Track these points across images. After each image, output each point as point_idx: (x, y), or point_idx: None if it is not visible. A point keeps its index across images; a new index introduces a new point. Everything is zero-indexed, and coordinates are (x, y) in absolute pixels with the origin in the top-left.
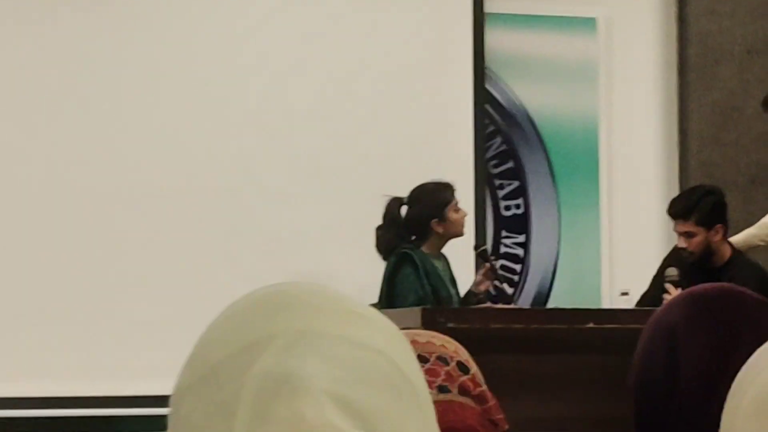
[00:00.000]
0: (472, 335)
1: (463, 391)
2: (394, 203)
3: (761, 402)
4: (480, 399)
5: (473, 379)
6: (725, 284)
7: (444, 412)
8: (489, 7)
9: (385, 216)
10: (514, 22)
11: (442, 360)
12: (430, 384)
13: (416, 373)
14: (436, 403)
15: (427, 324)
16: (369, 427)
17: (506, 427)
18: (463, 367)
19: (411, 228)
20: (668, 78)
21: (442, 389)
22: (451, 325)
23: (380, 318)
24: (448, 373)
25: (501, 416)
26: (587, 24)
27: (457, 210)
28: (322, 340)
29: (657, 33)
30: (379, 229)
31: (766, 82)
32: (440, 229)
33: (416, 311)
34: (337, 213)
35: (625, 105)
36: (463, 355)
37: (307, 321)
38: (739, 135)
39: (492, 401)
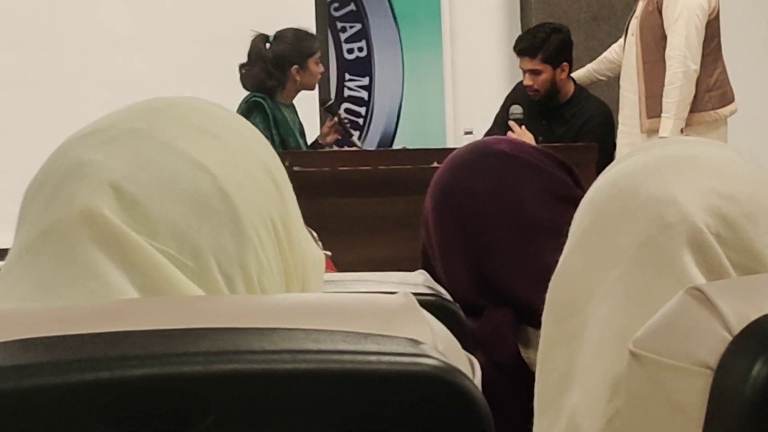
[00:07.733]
0: (319, 178)
1: None
2: (260, 39)
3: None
4: None
5: None
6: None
7: None
8: None
9: (251, 52)
10: None
11: None
12: None
13: (250, 206)
14: None
15: None
16: (151, 231)
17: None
18: None
19: (274, 67)
20: None
21: None
22: (297, 168)
23: (244, 147)
24: None
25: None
26: None
27: (317, 63)
28: (147, 142)
29: None
30: (243, 66)
31: None
32: (298, 78)
33: None
34: (181, 59)
35: None
36: None
37: (143, 122)
38: None
39: None
